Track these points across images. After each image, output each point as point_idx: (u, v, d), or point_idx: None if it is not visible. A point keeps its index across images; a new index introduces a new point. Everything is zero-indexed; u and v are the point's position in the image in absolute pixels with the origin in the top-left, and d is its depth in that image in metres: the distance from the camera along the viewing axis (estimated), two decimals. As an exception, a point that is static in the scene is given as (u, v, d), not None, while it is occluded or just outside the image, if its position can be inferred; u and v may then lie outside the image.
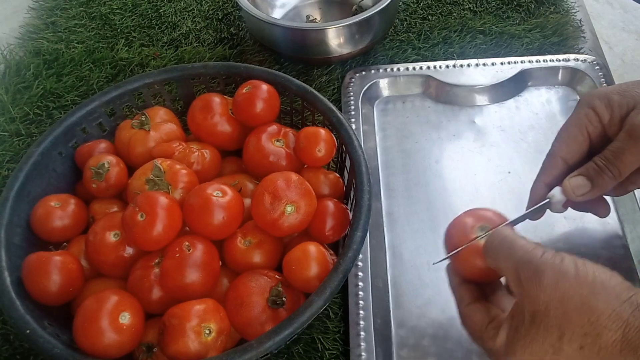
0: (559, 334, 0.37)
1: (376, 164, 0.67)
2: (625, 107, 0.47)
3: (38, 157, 0.55)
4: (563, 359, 0.37)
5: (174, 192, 0.52)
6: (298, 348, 0.54)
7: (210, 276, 0.49)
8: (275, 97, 0.59)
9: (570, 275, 0.37)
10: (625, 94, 0.48)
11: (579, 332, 0.36)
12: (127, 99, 0.62)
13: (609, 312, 0.36)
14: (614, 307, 0.36)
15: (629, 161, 0.47)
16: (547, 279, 0.37)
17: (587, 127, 0.49)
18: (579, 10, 0.82)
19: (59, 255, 0.50)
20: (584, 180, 0.47)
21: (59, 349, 0.44)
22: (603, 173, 0.47)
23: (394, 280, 0.58)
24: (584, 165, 0.48)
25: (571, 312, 0.36)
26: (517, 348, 0.39)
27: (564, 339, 0.37)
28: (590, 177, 0.47)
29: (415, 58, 0.77)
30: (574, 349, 0.37)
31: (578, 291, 0.36)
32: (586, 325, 0.36)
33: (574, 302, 0.36)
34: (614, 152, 0.47)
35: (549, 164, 0.50)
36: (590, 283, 0.37)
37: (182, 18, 0.86)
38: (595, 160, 0.48)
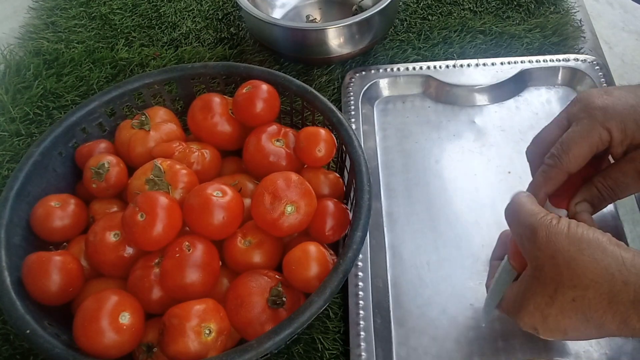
0: (554, 287, 0.40)
1: (376, 164, 0.67)
2: (638, 139, 0.47)
3: (38, 157, 0.55)
4: (559, 309, 0.40)
5: (174, 192, 0.52)
6: (298, 348, 0.54)
7: (210, 276, 0.49)
8: (275, 97, 0.59)
9: (561, 235, 0.40)
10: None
11: (569, 285, 0.39)
12: (127, 99, 0.62)
13: (594, 267, 0.38)
14: (598, 262, 0.38)
15: (629, 193, 0.49)
16: (540, 237, 0.41)
17: (598, 147, 0.48)
18: (579, 10, 0.82)
19: (59, 255, 0.50)
20: (588, 207, 0.49)
21: (59, 349, 0.44)
22: (605, 201, 0.49)
23: (394, 280, 0.58)
24: (589, 190, 0.49)
25: (561, 267, 0.39)
26: (523, 303, 0.42)
27: (558, 292, 0.40)
28: (594, 205, 0.49)
29: (415, 58, 0.77)
30: (567, 300, 0.40)
31: (567, 248, 0.39)
32: (575, 278, 0.39)
33: (563, 257, 0.39)
34: (620, 186, 0.48)
35: (554, 176, 0.49)
36: (578, 240, 0.39)
37: (182, 18, 0.86)
38: (598, 186, 0.49)
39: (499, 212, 0.47)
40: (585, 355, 0.52)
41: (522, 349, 0.52)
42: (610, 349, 0.52)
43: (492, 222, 0.61)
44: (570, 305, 0.40)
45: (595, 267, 0.39)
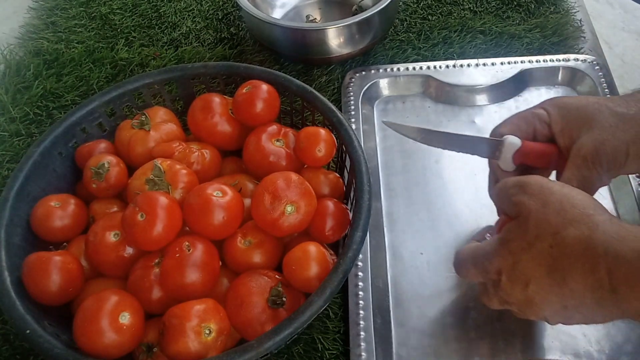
0: (537, 233, 0.42)
1: (376, 164, 0.67)
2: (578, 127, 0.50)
3: (38, 157, 0.55)
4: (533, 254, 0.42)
5: (174, 192, 0.52)
6: (298, 348, 0.54)
7: (210, 276, 0.49)
8: (275, 97, 0.59)
9: (555, 189, 0.43)
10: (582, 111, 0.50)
11: (551, 231, 0.41)
12: (127, 99, 0.62)
13: (583, 217, 0.41)
14: (589, 214, 0.41)
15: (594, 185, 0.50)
16: (534, 187, 0.43)
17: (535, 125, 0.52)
18: (579, 10, 0.82)
19: (59, 255, 0.50)
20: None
21: (59, 349, 0.44)
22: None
23: (394, 280, 0.58)
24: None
25: (549, 214, 0.42)
26: (500, 247, 0.44)
27: (539, 237, 0.42)
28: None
29: (415, 58, 0.77)
30: (545, 246, 0.41)
31: (559, 199, 0.42)
32: (560, 225, 0.41)
33: (554, 207, 0.42)
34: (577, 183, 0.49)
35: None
36: (571, 197, 0.42)
37: (182, 18, 0.86)
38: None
39: (499, 212, 0.47)
40: (585, 355, 0.52)
41: (522, 349, 0.52)
42: (610, 349, 0.52)
43: (492, 222, 0.61)
44: (547, 250, 0.41)
45: (584, 217, 0.41)
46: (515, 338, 0.53)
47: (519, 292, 0.43)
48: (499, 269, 0.44)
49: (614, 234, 0.39)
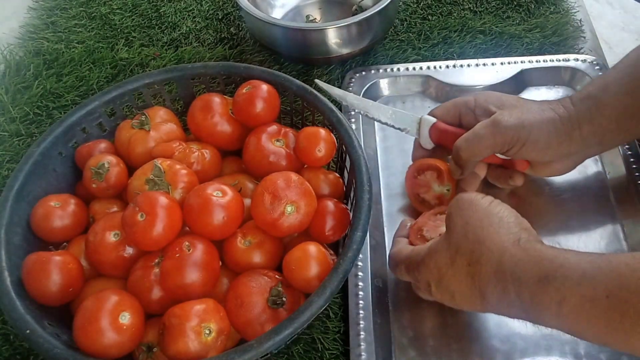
0: (456, 248, 0.44)
1: (376, 164, 0.67)
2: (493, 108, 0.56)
3: (38, 157, 0.55)
4: (454, 270, 0.44)
5: (174, 192, 0.52)
6: (298, 348, 0.54)
7: (210, 276, 0.49)
8: (275, 97, 0.59)
9: (481, 207, 0.45)
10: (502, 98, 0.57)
11: (469, 249, 0.43)
12: (127, 99, 0.62)
13: (494, 238, 0.43)
14: (500, 235, 0.43)
15: (484, 143, 0.54)
16: (462, 203, 0.45)
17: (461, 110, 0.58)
18: (579, 10, 0.82)
19: (59, 255, 0.50)
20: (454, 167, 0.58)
21: (59, 349, 0.44)
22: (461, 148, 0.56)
23: (394, 280, 0.58)
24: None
25: (469, 233, 0.44)
26: (427, 259, 0.47)
27: (459, 253, 0.44)
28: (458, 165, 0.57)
29: (415, 58, 0.77)
30: (463, 264, 0.44)
31: (480, 218, 0.44)
32: (475, 244, 0.43)
33: (474, 225, 0.44)
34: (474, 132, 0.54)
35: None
36: (493, 214, 0.44)
37: (182, 18, 0.86)
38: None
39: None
40: (585, 355, 0.52)
41: (522, 349, 0.52)
42: (610, 349, 0.52)
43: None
44: (465, 269, 0.44)
45: (495, 238, 0.43)
46: (515, 338, 0.53)
47: (447, 300, 0.47)
48: (428, 281, 0.47)
49: (519, 258, 0.41)
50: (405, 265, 0.50)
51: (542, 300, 0.40)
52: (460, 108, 0.58)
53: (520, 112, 0.53)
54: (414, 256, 0.49)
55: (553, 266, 0.40)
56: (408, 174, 0.62)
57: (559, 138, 0.53)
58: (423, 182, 0.61)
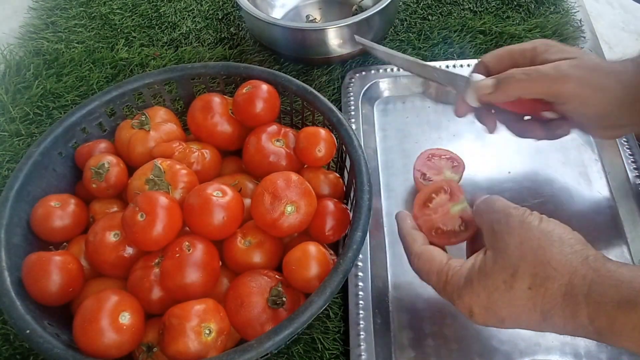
0: (513, 271, 0.40)
1: (376, 164, 0.67)
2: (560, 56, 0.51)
3: (38, 157, 0.55)
4: (511, 295, 0.41)
5: (174, 192, 0.52)
6: (298, 348, 0.54)
7: (210, 276, 0.49)
8: (275, 97, 0.59)
9: (533, 225, 0.41)
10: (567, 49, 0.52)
11: (530, 272, 0.40)
12: (127, 99, 0.62)
13: (560, 258, 0.40)
14: (565, 254, 0.40)
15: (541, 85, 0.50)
16: (513, 223, 0.42)
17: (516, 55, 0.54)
18: (579, 10, 0.82)
19: (59, 255, 0.50)
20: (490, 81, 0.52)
21: (59, 349, 0.44)
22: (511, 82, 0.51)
23: (394, 280, 0.58)
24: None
25: (527, 253, 0.40)
26: (474, 282, 0.42)
27: (516, 277, 0.40)
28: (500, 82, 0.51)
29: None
30: (522, 288, 0.40)
31: (537, 237, 0.41)
32: (538, 266, 0.40)
33: (531, 245, 0.40)
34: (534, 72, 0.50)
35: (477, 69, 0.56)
36: (549, 233, 0.41)
37: (182, 18, 0.86)
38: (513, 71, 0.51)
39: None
40: (585, 355, 0.52)
41: (522, 349, 0.52)
42: (610, 349, 0.52)
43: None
44: (524, 292, 0.40)
45: (561, 259, 0.40)
46: (516, 338, 0.53)
47: (493, 323, 0.43)
48: (470, 306, 0.43)
49: (592, 280, 0.38)
50: (439, 282, 0.45)
51: (623, 326, 0.37)
52: (516, 58, 0.54)
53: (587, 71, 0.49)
54: (453, 278, 0.44)
55: (634, 289, 0.37)
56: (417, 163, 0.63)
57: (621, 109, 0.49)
58: (433, 165, 0.62)
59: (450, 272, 0.44)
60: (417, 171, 0.63)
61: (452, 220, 0.50)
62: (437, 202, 0.52)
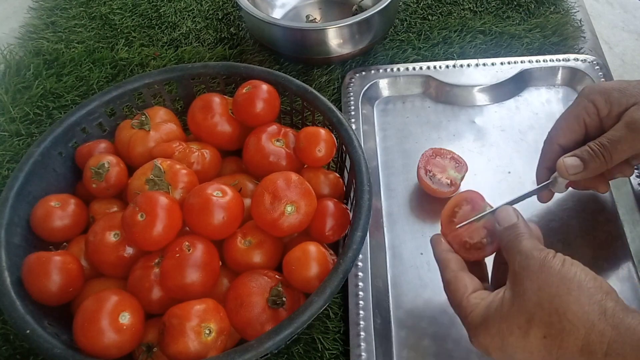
0: (528, 317, 0.39)
1: (376, 164, 0.67)
2: (624, 104, 0.51)
3: (38, 157, 0.55)
4: (526, 342, 0.40)
5: (174, 192, 0.52)
6: (298, 348, 0.54)
7: (210, 276, 0.49)
8: (275, 97, 0.59)
9: (553, 270, 0.40)
10: (626, 92, 0.51)
11: (546, 320, 0.39)
12: (127, 99, 0.62)
13: (576, 309, 0.38)
14: (582, 305, 0.38)
15: (621, 150, 0.50)
16: (533, 266, 0.40)
17: (585, 119, 0.52)
18: (579, 10, 0.82)
19: (59, 255, 0.50)
20: (577, 161, 0.50)
21: (59, 349, 0.44)
22: (596, 157, 0.50)
23: (394, 280, 0.58)
24: (579, 148, 0.52)
25: (544, 300, 0.39)
26: (489, 323, 0.41)
27: (532, 324, 0.39)
28: (584, 159, 0.50)
29: (415, 58, 0.77)
30: (537, 336, 0.39)
31: (556, 284, 0.39)
32: (554, 315, 0.39)
33: (549, 292, 0.39)
34: (610, 140, 0.50)
35: (547, 150, 0.55)
36: (569, 280, 0.39)
37: (182, 18, 0.86)
38: (590, 144, 0.51)
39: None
40: None
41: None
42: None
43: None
44: (539, 341, 0.39)
45: (578, 311, 0.38)
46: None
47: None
48: (486, 346, 0.42)
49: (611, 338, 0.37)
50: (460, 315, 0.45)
51: None
52: (583, 118, 0.52)
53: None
54: (471, 315, 0.43)
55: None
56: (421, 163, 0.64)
57: None
58: (437, 163, 0.62)
59: (469, 308, 0.43)
60: (421, 168, 0.63)
61: (477, 232, 0.49)
62: (461, 215, 0.51)
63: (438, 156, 0.63)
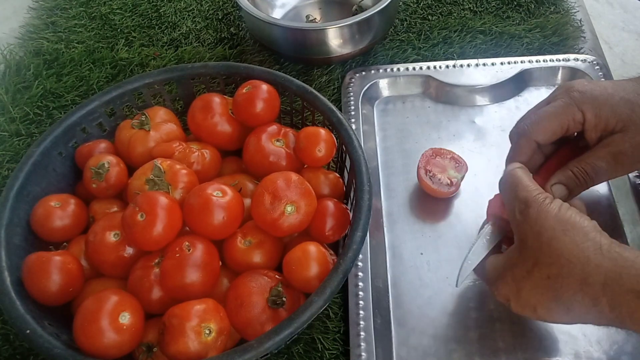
0: (534, 261, 0.42)
1: (376, 164, 0.67)
2: (611, 125, 0.49)
3: (38, 157, 0.55)
4: (534, 284, 0.43)
5: (174, 192, 0.52)
6: (298, 348, 0.54)
7: (210, 276, 0.49)
8: (275, 97, 0.59)
9: (551, 214, 0.42)
10: (616, 112, 0.49)
11: (547, 262, 0.42)
12: (127, 99, 0.62)
13: (572, 247, 0.41)
14: (578, 244, 0.41)
15: (604, 177, 0.50)
16: (531, 213, 0.43)
17: (570, 125, 0.51)
18: (579, 10, 0.82)
19: (59, 255, 0.50)
20: (564, 190, 0.50)
21: (59, 349, 0.44)
22: (581, 185, 0.50)
23: (394, 280, 0.58)
24: (564, 174, 0.51)
25: (544, 245, 0.42)
26: (504, 273, 0.45)
27: (535, 267, 0.42)
28: (570, 188, 0.50)
29: (415, 58, 0.77)
30: (542, 277, 0.42)
31: (553, 227, 0.42)
32: (553, 257, 0.41)
33: (547, 235, 0.42)
34: (594, 169, 0.50)
35: (523, 144, 0.52)
36: (564, 221, 0.42)
37: (182, 18, 0.86)
38: (574, 171, 0.50)
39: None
40: (585, 355, 0.52)
41: (522, 349, 0.52)
42: (610, 349, 0.52)
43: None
44: (544, 282, 0.42)
45: (574, 249, 0.41)
46: (516, 338, 0.53)
47: (529, 313, 0.45)
48: (507, 296, 0.45)
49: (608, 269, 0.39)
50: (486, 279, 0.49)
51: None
52: (567, 124, 0.50)
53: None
54: (492, 270, 0.47)
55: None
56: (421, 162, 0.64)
57: None
58: (437, 163, 0.63)
59: (490, 267, 0.47)
60: (421, 168, 0.63)
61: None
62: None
63: (438, 156, 0.64)
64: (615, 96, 0.50)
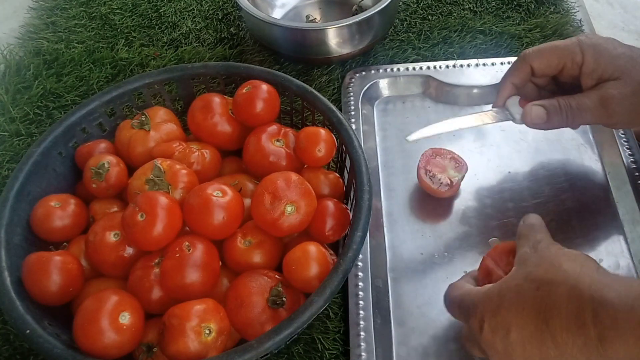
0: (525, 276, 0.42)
1: (376, 164, 0.67)
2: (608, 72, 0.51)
3: (38, 157, 0.55)
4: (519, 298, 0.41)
5: (174, 192, 0.52)
6: (298, 348, 0.54)
7: (210, 276, 0.49)
8: (275, 97, 0.59)
9: (553, 249, 0.43)
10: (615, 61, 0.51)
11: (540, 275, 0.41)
12: (127, 99, 0.62)
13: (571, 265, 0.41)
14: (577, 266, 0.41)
15: (586, 118, 0.51)
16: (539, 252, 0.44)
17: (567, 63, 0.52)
18: (579, 10, 0.82)
19: (59, 255, 0.50)
20: (542, 112, 0.51)
21: (59, 349, 0.44)
22: (560, 113, 0.51)
23: (394, 280, 0.58)
24: (549, 99, 0.52)
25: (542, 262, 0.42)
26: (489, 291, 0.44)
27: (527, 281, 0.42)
28: (549, 112, 0.51)
29: (415, 58, 0.77)
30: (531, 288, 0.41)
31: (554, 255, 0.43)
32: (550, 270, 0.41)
33: (547, 259, 0.42)
34: (579, 105, 0.51)
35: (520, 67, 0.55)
36: (566, 253, 0.43)
37: (182, 18, 0.86)
38: (559, 99, 0.51)
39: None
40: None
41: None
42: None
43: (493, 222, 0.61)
44: (532, 294, 0.41)
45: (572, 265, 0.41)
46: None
47: (499, 341, 0.41)
48: (482, 316, 0.42)
49: (600, 280, 0.39)
50: (460, 301, 0.46)
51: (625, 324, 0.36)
52: (565, 61, 0.52)
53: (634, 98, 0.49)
54: (473, 293, 0.45)
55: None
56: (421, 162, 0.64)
57: None
58: (437, 163, 0.63)
59: (472, 292, 0.45)
60: (421, 168, 0.63)
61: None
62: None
63: (438, 156, 0.63)
64: (619, 50, 0.52)
